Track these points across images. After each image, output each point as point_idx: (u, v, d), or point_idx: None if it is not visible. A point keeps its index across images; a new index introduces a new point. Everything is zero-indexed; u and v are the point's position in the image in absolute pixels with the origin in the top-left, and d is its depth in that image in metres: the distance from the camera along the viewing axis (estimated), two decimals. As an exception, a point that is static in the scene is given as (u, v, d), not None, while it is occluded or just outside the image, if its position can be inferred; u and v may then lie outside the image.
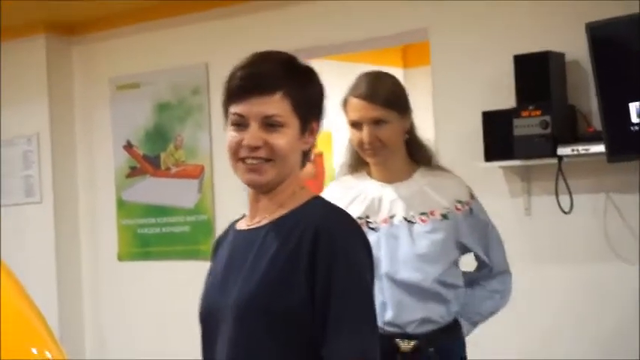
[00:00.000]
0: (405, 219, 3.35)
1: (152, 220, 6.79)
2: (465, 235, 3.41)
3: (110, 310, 7.00)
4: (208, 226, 6.48)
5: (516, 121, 4.90)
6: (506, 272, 3.66)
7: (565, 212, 4.89)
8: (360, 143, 3.35)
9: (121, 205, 6.94)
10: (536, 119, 4.83)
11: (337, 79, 3.67)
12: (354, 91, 3.37)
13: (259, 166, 2.29)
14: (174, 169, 6.65)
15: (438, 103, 5.51)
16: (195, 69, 6.52)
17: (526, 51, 4.95)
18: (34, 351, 2.03)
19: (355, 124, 3.37)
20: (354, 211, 3.26)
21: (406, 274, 3.30)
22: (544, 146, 4.81)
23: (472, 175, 5.27)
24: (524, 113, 4.87)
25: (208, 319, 2.35)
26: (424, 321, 3.32)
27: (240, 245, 2.35)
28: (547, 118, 4.80)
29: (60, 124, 7.08)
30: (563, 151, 4.77)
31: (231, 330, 2.23)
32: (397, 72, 8.61)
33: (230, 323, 2.24)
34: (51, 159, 7.02)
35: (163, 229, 6.73)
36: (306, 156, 2.39)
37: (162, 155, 6.70)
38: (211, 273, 2.43)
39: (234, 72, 2.32)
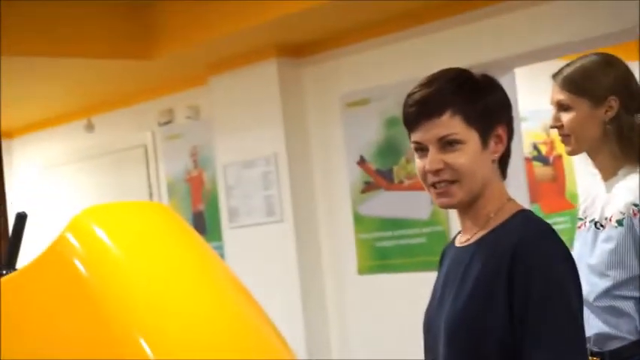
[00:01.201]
0: (596, 224, 3.11)
1: (389, 233, 6.86)
2: None
3: (354, 323, 7.11)
4: (444, 236, 6.49)
5: None
6: None
7: None
8: (553, 128, 3.16)
9: (358, 219, 7.04)
10: None
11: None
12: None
13: (447, 189, 2.30)
14: (407, 182, 6.70)
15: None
16: (421, 82, 6.53)
17: None
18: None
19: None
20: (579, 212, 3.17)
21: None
22: None
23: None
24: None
25: (429, 333, 2.40)
26: (600, 337, 3.04)
27: (454, 263, 2.37)
28: None
29: (295, 144, 7.26)
30: None
31: (444, 347, 2.27)
32: (634, 65, 8.35)
33: (444, 340, 2.28)
34: (289, 178, 7.21)
35: (400, 242, 6.79)
36: (503, 164, 2.36)
37: (395, 169, 6.76)
38: (435, 285, 2.46)
39: (406, 99, 2.35)
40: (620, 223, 3.00)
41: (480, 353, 2.20)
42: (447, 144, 2.27)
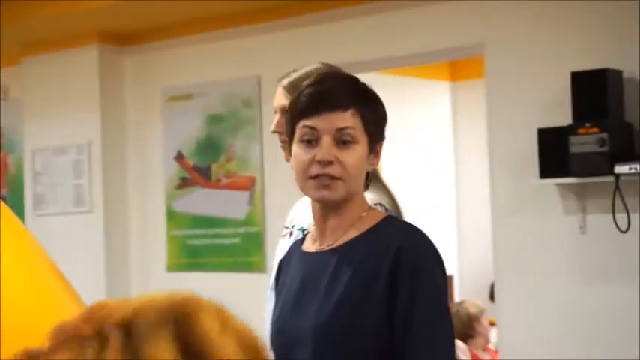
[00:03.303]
0: (303, 230, 3.01)
1: (202, 232, 6.79)
2: None
3: (158, 320, 7.00)
4: (259, 238, 6.48)
5: (572, 139, 4.86)
6: None
7: (622, 231, 4.83)
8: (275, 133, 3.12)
9: (171, 215, 6.95)
10: (593, 137, 4.79)
11: (382, 92, 3.62)
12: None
13: (330, 183, 2.27)
14: (224, 181, 6.65)
15: (493, 119, 5.48)
16: (247, 81, 6.52)
17: (583, 68, 4.91)
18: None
19: None
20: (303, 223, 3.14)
21: None
22: (601, 164, 4.77)
23: (526, 192, 5.27)
24: (581, 131, 4.84)
25: (282, 343, 2.34)
26: None
27: (313, 268, 2.34)
28: (604, 136, 4.76)
29: (111, 134, 7.11)
30: (620, 169, 4.73)
31: (309, 353, 2.23)
32: (444, 85, 8.60)
33: (308, 347, 2.23)
34: (102, 168, 7.05)
35: (213, 241, 6.73)
36: (367, 177, 2.38)
37: (214, 167, 6.70)
38: (281, 298, 2.42)
39: (303, 89, 2.33)
40: None
41: (353, 354, 2.20)
42: (342, 141, 2.27)
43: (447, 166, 8.48)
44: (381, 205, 2.61)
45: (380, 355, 2.20)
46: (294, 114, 2.33)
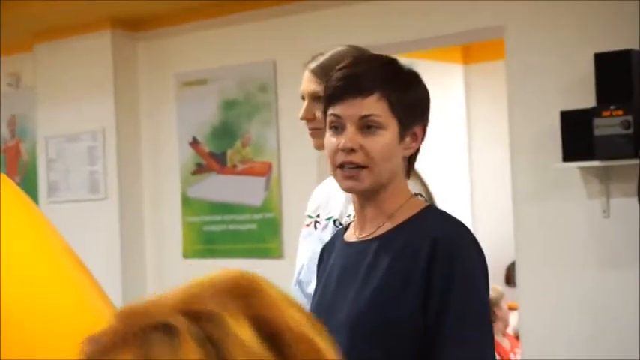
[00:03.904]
0: (335, 222, 2.91)
1: (218, 218, 6.75)
2: None
3: (174, 307, 6.96)
4: (275, 224, 6.43)
5: (597, 121, 4.80)
6: None
7: (648, 215, 4.78)
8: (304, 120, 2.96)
9: (186, 202, 6.91)
10: (618, 119, 4.74)
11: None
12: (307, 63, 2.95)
13: (356, 173, 2.23)
14: (240, 167, 6.61)
15: (514, 102, 5.42)
16: (262, 66, 6.47)
17: (607, 49, 4.86)
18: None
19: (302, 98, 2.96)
20: (309, 209, 3.01)
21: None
22: (626, 147, 4.72)
23: (548, 176, 5.22)
24: (605, 113, 4.78)
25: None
26: None
27: (353, 258, 2.30)
28: (629, 118, 4.71)
29: (125, 120, 7.06)
30: (645, 152, 4.67)
31: (345, 341, 2.19)
32: (457, 68, 8.53)
33: (344, 335, 2.19)
34: (116, 155, 7.01)
35: (229, 227, 6.69)
36: (410, 164, 2.33)
37: (229, 152, 6.65)
38: (321, 284, 2.39)
39: (334, 73, 2.29)
40: None
41: (387, 343, 2.17)
42: (367, 127, 2.22)
43: (460, 151, 8.42)
44: (420, 195, 2.55)
45: (415, 344, 2.16)
46: (323, 101, 2.31)
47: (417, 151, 2.33)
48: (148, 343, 0.91)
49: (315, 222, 3.01)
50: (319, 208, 3.03)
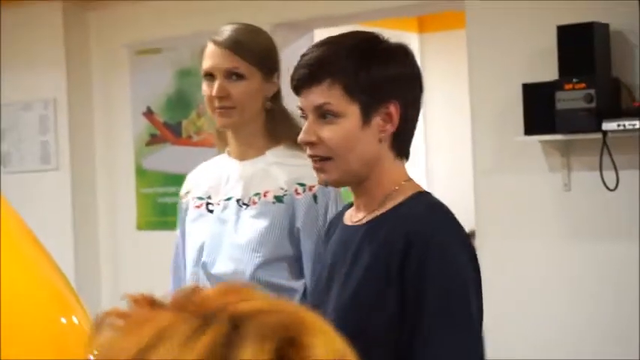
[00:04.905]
0: (238, 201, 2.84)
1: (173, 189, 6.64)
2: (301, 226, 2.77)
3: (128, 279, 6.87)
4: (231, 196, 6.34)
5: (559, 95, 4.76)
6: None
7: (610, 189, 4.75)
8: (210, 99, 2.89)
9: (141, 173, 6.79)
10: (580, 92, 4.69)
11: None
12: (214, 37, 2.90)
13: (322, 165, 2.16)
14: (195, 138, 6.50)
15: (475, 74, 5.36)
16: (218, 35, 6.35)
17: (569, 22, 4.81)
18: (63, 320, 1.96)
19: (208, 75, 2.94)
20: (198, 191, 2.96)
21: (221, 266, 2.81)
22: (588, 121, 4.68)
23: (509, 149, 5.18)
24: (568, 86, 4.74)
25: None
26: None
27: (342, 243, 2.22)
28: (591, 91, 4.67)
29: (77, 90, 6.92)
30: (608, 126, 4.63)
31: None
32: (413, 37, 8.46)
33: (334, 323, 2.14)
34: (68, 125, 6.88)
35: (184, 199, 6.58)
36: (401, 143, 2.19)
37: (184, 123, 6.55)
38: (321, 263, 2.33)
39: (299, 60, 2.20)
40: (279, 199, 2.78)
41: (368, 335, 2.07)
42: (323, 116, 2.12)
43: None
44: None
45: (396, 345, 2.07)
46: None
47: (406, 128, 2.19)
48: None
49: (207, 203, 2.93)
50: (190, 192, 3.00)
